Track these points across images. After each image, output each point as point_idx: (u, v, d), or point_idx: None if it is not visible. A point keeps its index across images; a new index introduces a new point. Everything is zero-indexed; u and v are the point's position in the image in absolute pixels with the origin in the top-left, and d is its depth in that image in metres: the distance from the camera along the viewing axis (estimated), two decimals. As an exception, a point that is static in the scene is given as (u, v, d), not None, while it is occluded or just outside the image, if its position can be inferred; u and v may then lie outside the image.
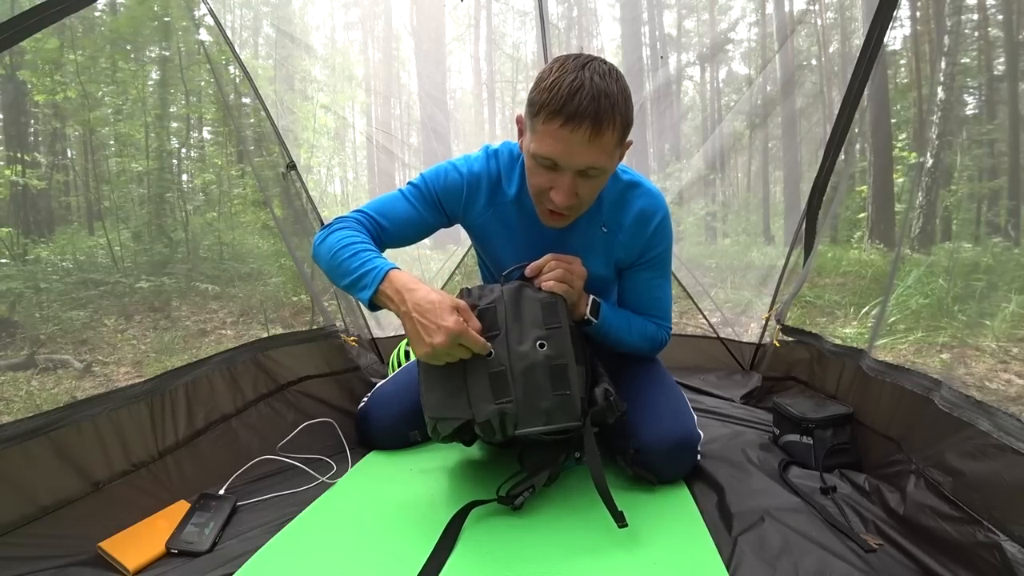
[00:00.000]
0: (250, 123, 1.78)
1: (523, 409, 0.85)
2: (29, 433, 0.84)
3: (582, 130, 0.81)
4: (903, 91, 4.49)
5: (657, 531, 0.88)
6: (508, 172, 1.07)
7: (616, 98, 0.82)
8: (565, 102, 0.80)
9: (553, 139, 0.83)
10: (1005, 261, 2.74)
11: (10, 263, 2.46)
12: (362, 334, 1.86)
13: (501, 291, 0.92)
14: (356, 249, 0.93)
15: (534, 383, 0.85)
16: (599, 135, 0.82)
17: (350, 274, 0.91)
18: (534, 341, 0.87)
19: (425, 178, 1.08)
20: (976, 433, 0.78)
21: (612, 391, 0.94)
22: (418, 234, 1.10)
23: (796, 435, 1.15)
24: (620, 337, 1.08)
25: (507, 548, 0.84)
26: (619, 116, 0.83)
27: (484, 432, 0.88)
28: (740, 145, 2.19)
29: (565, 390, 0.86)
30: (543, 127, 0.84)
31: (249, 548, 0.83)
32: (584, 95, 0.79)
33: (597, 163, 0.86)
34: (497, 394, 0.85)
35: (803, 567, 0.76)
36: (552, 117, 0.82)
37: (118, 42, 2.57)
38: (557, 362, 0.87)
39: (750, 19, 2.30)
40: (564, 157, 0.84)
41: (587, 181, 0.89)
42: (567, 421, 0.86)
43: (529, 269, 0.98)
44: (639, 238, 1.06)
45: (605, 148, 0.84)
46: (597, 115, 0.80)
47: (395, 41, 2.42)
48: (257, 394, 1.27)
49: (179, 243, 3.15)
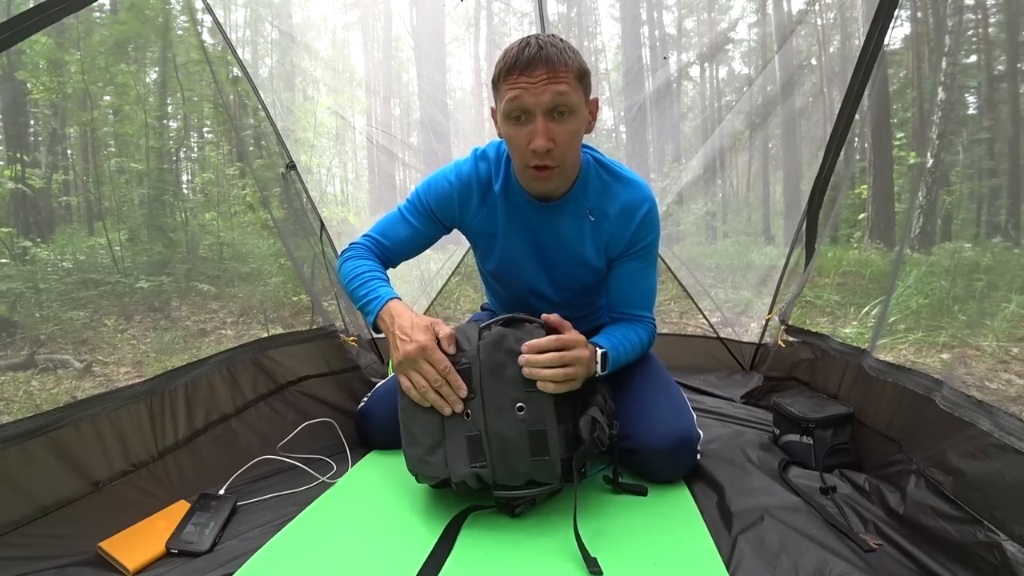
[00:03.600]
0: (250, 123, 1.78)
1: (500, 471, 0.86)
2: (29, 433, 0.84)
3: (539, 72, 0.88)
4: (903, 91, 4.49)
5: (657, 530, 0.88)
6: (496, 170, 1.10)
7: (562, 47, 0.91)
8: (516, 57, 0.89)
9: (515, 90, 0.90)
10: (1005, 261, 2.74)
11: (10, 263, 2.46)
12: (362, 334, 1.86)
13: (477, 347, 0.87)
14: (365, 278, 1.04)
15: (512, 449, 0.85)
16: (555, 73, 0.89)
17: (359, 300, 1.03)
18: (513, 403, 0.85)
19: (419, 193, 1.13)
20: (977, 433, 0.78)
21: (600, 420, 0.89)
22: (421, 247, 1.18)
23: (796, 435, 1.15)
24: (624, 364, 1.08)
25: (506, 548, 0.84)
26: (569, 58, 0.91)
27: (460, 490, 0.90)
28: (740, 145, 2.18)
29: (544, 455, 0.85)
30: (504, 85, 0.92)
31: (249, 548, 0.83)
32: (532, 48, 0.89)
33: (562, 98, 0.90)
34: (472, 457, 0.86)
35: (803, 566, 0.75)
36: (509, 73, 0.91)
37: (118, 42, 2.57)
38: (536, 428, 0.85)
39: (750, 19, 2.31)
40: (529, 98, 0.90)
41: (560, 124, 0.92)
42: (546, 481, 0.87)
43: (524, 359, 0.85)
44: (626, 229, 1.07)
45: (565, 84, 0.90)
46: (548, 58, 0.88)
47: (395, 41, 2.42)
48: (257, 394, 1.27)
49: (179, 243, 3.15)
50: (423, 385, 0.87)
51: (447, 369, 0.86)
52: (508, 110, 0.93)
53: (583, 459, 0.90)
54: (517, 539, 0.86)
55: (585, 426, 0.88)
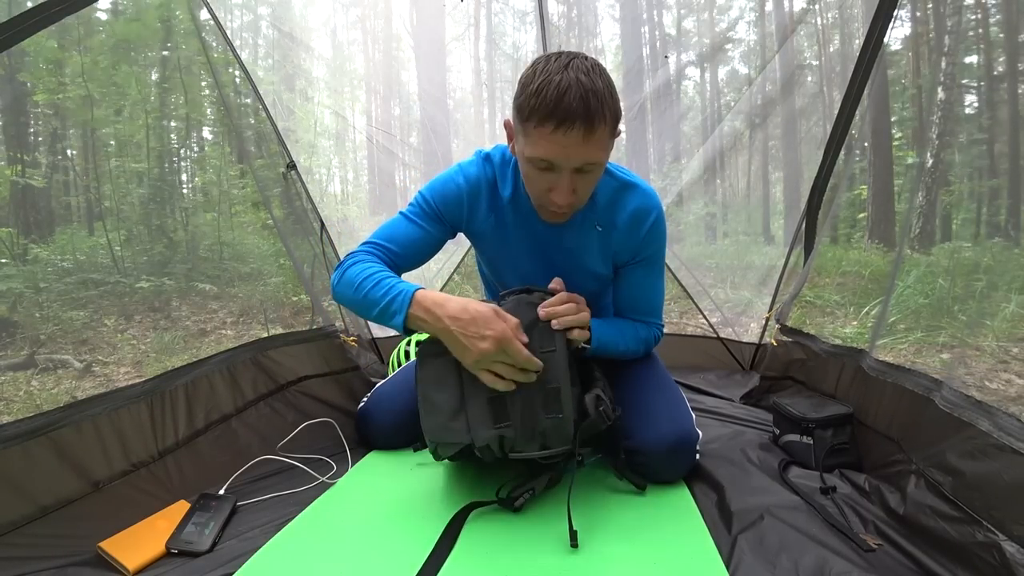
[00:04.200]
0: (250, 123, 1.78)
1: (519, 433, 0.87)
2: (29, 433, 0.84)
3: (575, 131, 0.81)
4: (903, 91, 4.50)
5: (657, 530, 0.88)
6: (502, 174, 1.08)
7: (603, 94, 0.83)
8: (555, 106, 0.80)
9: (547, 142, 0.84)
10: (1005, 261, 2.74)
11: (10, 263, 2.46)
12: (362, 334, 1.86)
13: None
14: (377, 278, 0.93)
15: (529, 407, 0.87)
16: (592, 132, 0.83)
17: (377, 304, 0.91)
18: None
19: (424, 195, 1.08)
20: (976, 433, 0.78)
21: (604, 398, 0.93)
22: (429, 252, 1.10)
23: (796, 435, 1.15)
24: (614, 349, 1.08)
25: (506, 548, 0.84)
26: (608, 111, 0.84)
27: (483, 455, 0.91)
28: (740, 145, 2.19)
29: (558, 413, 0.87)
30: (536, 132, 0.84)
31: (249, 548, 0.83)
32: (572, 96, 0.80)
33: (592, 159, 0.87)
34: (496, 419, 0.87)
35: (802, 565, 0.75)
36: (543, 121, 0.82)
37: (119, 43, 2.57)
38: (551, 386, 0.87)
39: (750, 19, 2.30)
40: (560, 158, 0.85)
41: (584, 176, 0.90)
42: (560, 445, 0.88)
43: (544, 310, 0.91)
44: (634, 237, 1.06)
45: (599, 144, 0.85)
46: (588, 114, 0.81)
47: (395, 41, 2.42)
48: (257, 394, 1.27)
49: (179, 243, 3.15)
50: (510, 373, 0.85)
51: (529, 359, 0.85)
52: (533, 157, 0.87)
53: (589, 431, 0.91)
54: (518, 536, 0.86)
55: (591, 402, 0.91)
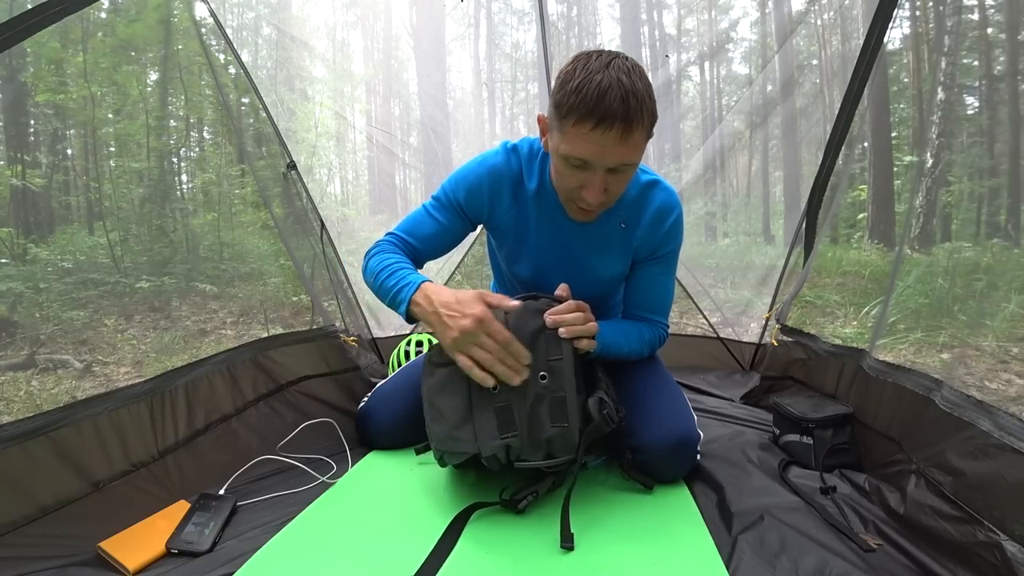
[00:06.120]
0: (250, 123, 1.78)
1: (526, 442, 0.87)
2: (29, 433, 0.84)
3: (614, 131, 0.82)
4: (903, 91, 4.49)
5: (657, 530, 0.88)
6: (528, 167, 1.07)
7: (643, 96, 0.83)
8: (595, 104, 0.80)
9: (584, 141, 0.84)
10: (1005, 261, 2.74)
11: (10, 263, 2.46)
12: (362, 334, 1.86)
13: (504, 320, 0.89)
14: (393, 269, 0.98)
15: (536, 416, 0.87)
16: (630, 133, 0.83)
17: (389, 292, 0.97)
18: (536, 374, 0.88)
19: (445, 188, 1.09)
20: (977, 433, 0.78)
21: (608, 400, 0.93)
22: (449, 244, 1.13)
23: (796, 435, 1.15)
24: (618, 351, 1.08)
25: (507, 547, 0.84)
26: (647, 113, 0.84)
27: (490, 464, 0.90)
28: (740, 145, 2.19)
29: (563, 422, 0.87)
30: (573, 129, 0.84)
31: (249, 548, 0.83)
32: (613, 96, 0.80)
33: (627, 159, 0.87)
34: (503, 428, 0.87)
35: (803, 566, 0.76)
36: (583, 120, 0.82)
37: (120, 43, 2.57)
38: (557, 395, 0.88)
39: (750, 19, 2.30)
40: (596, 157, 0.86)
41: (616, 176, 0.90)
42: (565, 454, 0.88)
43: (551, 318, 0.91)
44: (655, 234, 1.07)
45: (635, 145, 0.86)
46: (627, 115, 0.81)
47: (395, 41, 2.42)
48: (257, 394, 1.27)
49: (179, 243, 3.15)
50: (488, 359, 0.84)
51: (508, 339, 0.85)
52: (568, 155, 0.87)
53: (593, 435, 0.91)
54: (519, 536, 0.86)
55: (594, 405, 0.91)
